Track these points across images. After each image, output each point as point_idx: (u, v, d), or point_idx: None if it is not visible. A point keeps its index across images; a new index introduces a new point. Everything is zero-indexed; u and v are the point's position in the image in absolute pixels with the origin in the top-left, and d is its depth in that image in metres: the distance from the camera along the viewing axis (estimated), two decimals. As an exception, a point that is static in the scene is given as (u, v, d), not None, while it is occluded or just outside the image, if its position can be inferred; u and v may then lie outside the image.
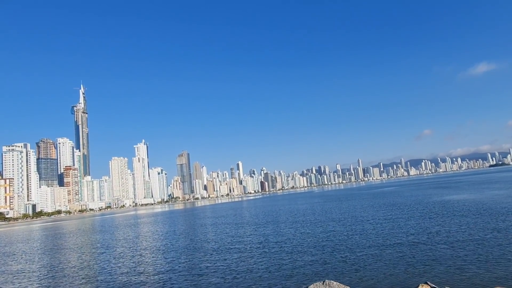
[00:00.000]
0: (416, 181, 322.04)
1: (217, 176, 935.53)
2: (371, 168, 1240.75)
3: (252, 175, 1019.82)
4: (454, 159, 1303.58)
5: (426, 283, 15.89)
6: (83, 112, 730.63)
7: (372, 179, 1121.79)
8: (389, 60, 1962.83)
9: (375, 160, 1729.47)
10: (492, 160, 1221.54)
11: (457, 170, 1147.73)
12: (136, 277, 30.18)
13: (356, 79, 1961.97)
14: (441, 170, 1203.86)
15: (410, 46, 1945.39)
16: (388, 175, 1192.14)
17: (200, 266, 31.74)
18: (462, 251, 26.37)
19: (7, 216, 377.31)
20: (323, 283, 17.36)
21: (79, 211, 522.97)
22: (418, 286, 15.63)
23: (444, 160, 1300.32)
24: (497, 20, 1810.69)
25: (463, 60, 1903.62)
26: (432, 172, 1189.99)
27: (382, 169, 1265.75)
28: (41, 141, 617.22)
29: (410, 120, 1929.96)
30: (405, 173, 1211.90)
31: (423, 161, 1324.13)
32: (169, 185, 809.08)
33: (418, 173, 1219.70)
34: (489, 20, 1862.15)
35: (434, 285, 15.69)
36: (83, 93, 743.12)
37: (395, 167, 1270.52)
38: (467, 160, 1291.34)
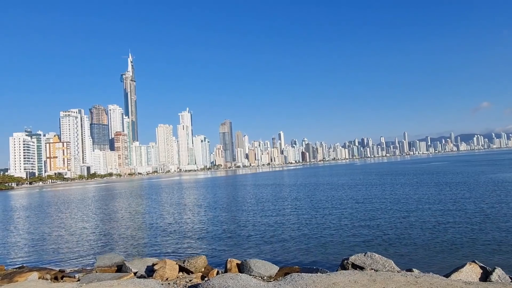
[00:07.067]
0: (466, 156, 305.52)
1: (259, 145, 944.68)
2: (417, 142, 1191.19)
3: (293, 145, 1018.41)
4: (511, 134, 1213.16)
5: (474, 261, 15.55)
6: (131, 80, 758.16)
7: (418, 153, 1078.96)
8: (448, 22, 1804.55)
9: (422, 134, 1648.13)
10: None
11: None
12: (176, 234, 32.10)
13: (406, 43, 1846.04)
14: (494, 146, 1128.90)
15: (476, 5, 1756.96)
16: (435, 150, 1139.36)
17: (239, 232, 32.80)
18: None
19: (65, 176, 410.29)
20: (364, 255, 17.49)
21: (129, 174, 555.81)
22: (466, 264, 15.34)
23: (499, 136, 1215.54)
24: None
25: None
26: (484, 148, 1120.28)
27: (429, 143, 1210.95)
28: (94, 107, 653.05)
29: (465, 91, 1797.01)
30: (455, 148, 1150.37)
31: (476, 136, 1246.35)
32: (211, 153, 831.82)
33: (469, 148, 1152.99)
34: None
35: (482, 265, 15.34)
36: (131, 62, 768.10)
37: (443, 142, 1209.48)
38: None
